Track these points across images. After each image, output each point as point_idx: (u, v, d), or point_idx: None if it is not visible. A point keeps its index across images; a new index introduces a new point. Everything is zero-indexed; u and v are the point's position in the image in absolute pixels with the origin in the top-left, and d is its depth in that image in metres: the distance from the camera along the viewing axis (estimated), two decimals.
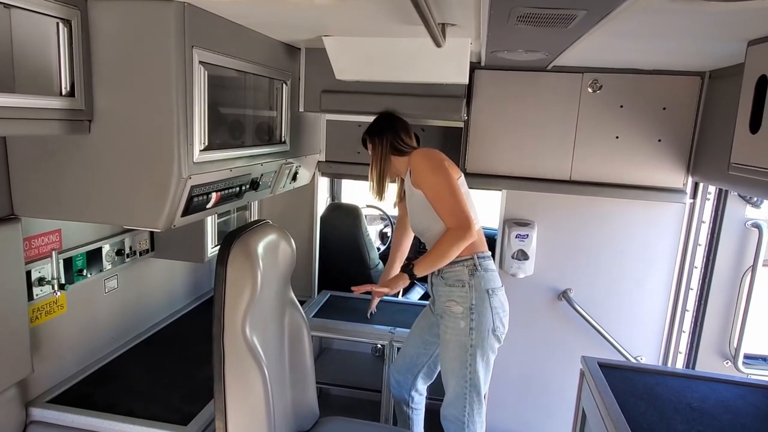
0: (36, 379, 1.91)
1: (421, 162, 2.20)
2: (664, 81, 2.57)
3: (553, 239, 2.85)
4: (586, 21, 1.43)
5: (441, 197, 2.11)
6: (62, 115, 1.48)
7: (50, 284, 1.88)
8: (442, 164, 2.18)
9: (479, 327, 2.10)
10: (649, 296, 2.81)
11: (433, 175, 2.14)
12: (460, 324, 2.10)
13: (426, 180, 2.16)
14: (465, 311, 2.11)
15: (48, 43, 1.42)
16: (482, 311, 2.10)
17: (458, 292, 2.11)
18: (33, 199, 1.67)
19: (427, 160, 2.19)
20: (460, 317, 2.11)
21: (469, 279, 2.12)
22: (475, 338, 2.09)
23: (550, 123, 2.74)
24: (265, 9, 1.59)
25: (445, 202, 2.10)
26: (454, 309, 2.12)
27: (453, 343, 2.12)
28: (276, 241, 1.87)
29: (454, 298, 2.12)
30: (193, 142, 1.61)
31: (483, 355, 2.12)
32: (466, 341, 2.10)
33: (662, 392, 1.82)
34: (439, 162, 2.18)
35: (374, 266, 3.76)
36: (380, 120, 2.42)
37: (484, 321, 2.10)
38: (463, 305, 2.11)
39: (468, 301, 2.10)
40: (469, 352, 2.11)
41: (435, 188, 2.13)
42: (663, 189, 2.68)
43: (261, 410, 1.66)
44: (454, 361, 2.13)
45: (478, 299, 2.10)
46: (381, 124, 2.40)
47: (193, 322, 2.71)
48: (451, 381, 2.16)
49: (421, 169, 2.18)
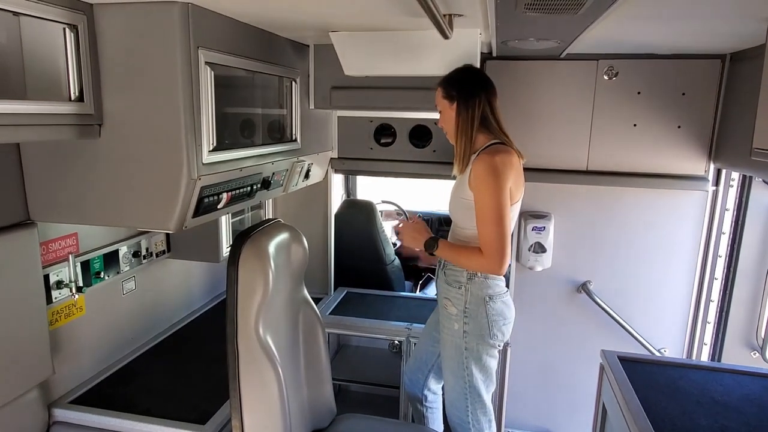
0: (57, 381, 1.94)
1: (486, 171, 1.89)
2: (682, 65, 2.49)
3: (570, 231, 2.80)
4: (596, 6, 1.39)
5: (486, 220, 1.89)
6: (72, 120, 1.50)
7: (68, 287, 1.91)
8: (506, 185, 1.90)
9: (472, 332, 2.02)
10: (672, 287, 2.74)
11: (489, 196, 1.88)
12: (454, 326, 2.04)
13: (481, 193, 1.91)
14: (459, 313, 2.03)
15: (56, 49, 1.44)
16: (476, 317, 2.01)
17: (454, 292, 2.04)
18: (47, 204, 1.70)
19: (494, 176, 1.88)
20: (454, 319, 2.04)
21: (466, 282, 2.02)
22: (469, 342, 2.02)
23: (565, 112, 2.68)
24: (268, 6, 1.58)
25: (488, 228, 1.89)
26: (449, 309, 2.05)
27: (449, 344, 2.07)
28: (288, 240, 1.87)
29: (450, 297, 2.05)
30: (201, 143, 1.61)
31: (478, 359, 2.04)
32: (460, 343, 2.03)
33: (685, 385, 1.77)
34: (505, 182, 1.90)
35: (390, 262, 3.74)
36: (471, 75, 2.04)
37: (477, 327, 2.01)
38: (457, 307, 2.03)
39: (462, 303, 2.02)
40: (464, 355, 2.03)
41: (485, 207, 1.90)
42: (684, 177, 2.61)
43: (276, 408, 1.66)
44: (451, 361, 2.09)
45: (473, 304, 2.01)
46: (473, 81, 2.01)
47: (211, 321, 2.73)
48: (450, 380, 2.12)
49: (483, 179, 1.90)
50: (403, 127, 2.94)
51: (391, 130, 2.98)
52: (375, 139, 3.01)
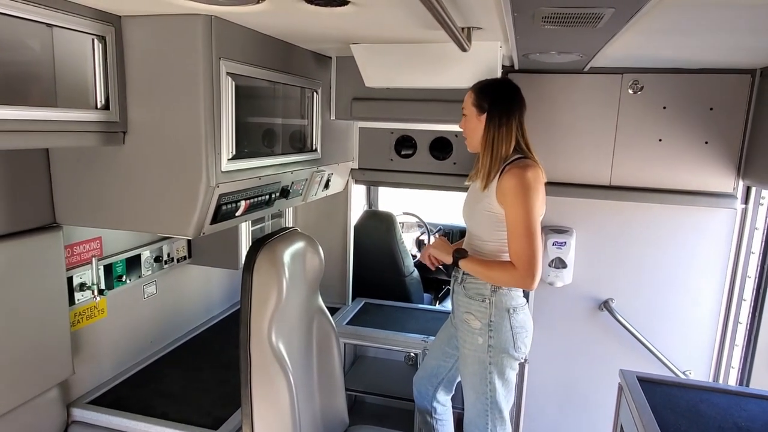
0: (77, 381, 1.99)
1: (519, 186, 1.88)
2: (710, 80, 2.44)
3: (592, 247, 2.74)
4: (616, 19, 1.38)
5: (519, 235, 1.87)
6: (98, 127, 1.55)
7: (90, 290, 1.96)
8: (537, 200, 1.91)
9: (497, 345, 2.00)
10: (699, 307, 2.66)
11: (522, 210, 1.87)
12: (478, 340, 2.02)
13: (513, 207, 1.89)
14: (483, 327, 2.01)
15: (84, 59, 1.49)
16: (501, 329, 1.99)
17: (477, 306, 2.02)
18: (73, 208, 1.75)
19: (526, 190, 1.87)
20: (478, 333, 2.02)
21: (490, 295, 2.01)
22: (494, 356, 2.00)
23: (588, 126, 2.65)
24: (287, 20, 1.61)
25: (521, 242, 1.87)
26: (472, 323, 2.04)
27: (471, 359, 2.05)
28: (303, 249, 1.88)
29: (473, 311, 2.04)
30: (220, 152, 1.64)
31: (501, 373, 2.01)
32: (484, 358, 2.01)
33: (707, 410, 1.70)
34: (536, 196, 1.90)
35: (409, 274, 3.73)
36: (507, 91, 2.00)
37: (502, 339, 1.99)
38: (481, 320, 2.01)
39: (487, 317, 2.00)
40: (488, 370, 2.01)
41: (517, 221, 1.88)
42: (711, 194, 2.54)
43: (287, 416, 1.67)
44: (473, 377, 2.06)
45: (498, 317, 1.99)
46: (508, 99, 1.99)
47: (229, 328, 2.77)
48: (471, 396, 2.09)
49: (515, 193, 1.88)
50: (423, 138, 2.94)
51: (412, 142, 2.99)
52: (395, 151, 3.02)
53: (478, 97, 2.02)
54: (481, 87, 2.03)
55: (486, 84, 2.03)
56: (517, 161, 1.96)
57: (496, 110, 1.97)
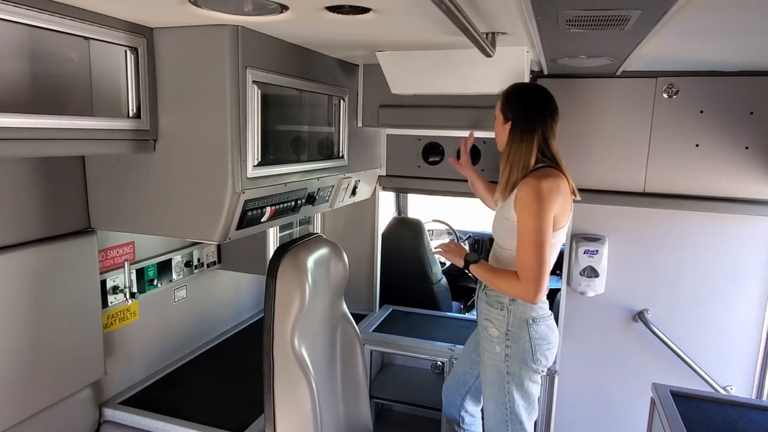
0: (109, 382, 2.05)
1: (531, 196, 1.83)
2: (749, 83, 2.34)
3: (626, 256, 2.66)
4: (644, 21, 1.34)
5: (526, 246, 1.83)
6: (130, 135, 1.60)
7: (123, 293, 2.02)
8: (550, 211, 1.84)
9: (515, 355, 1.95)
10: (740, 319, 2.54)
11: (532, 220, 1.82)
12: (496, 348, 1.98)
13: (523, 217, 1.85)
14: (501, 336, 1.97)
15: (118, 70, 1.55)
16: (518, 339, 1.94)
17: (496, 314, 1.98)
18: (106, 213, 1.82)
19: (538, 200, 1.82)
20: (496, 341, 1.98)
21: (509, 303, 1.96)
22: (511, 366, 1.95)
23: (621, 132, 2.58)
24: (311, 28, 1.63)
25: (527, 253, 1.82)
26: (490, 331, 2.00)
27: (490, 367, 2.01)
28: (327, 255, 1.89)
29: (491, 319, 1.99)
30: (246, 159, 1.67)
31: (520, 384, 1.96)
32: (502, 367, 1.97)
33: (745, 427, 1.62)
34: (549, 207, 1.83)
35: (437, 281, 3.70)
36: (534, 98, 1.97)
37: (519, 350, 1.94)
38: (499, 329, 1.97)
39: (504, 325, 1.96)
40: (506, 380, 1.97)
41: (526, 231, 1.83)
42: (752, 201, 2.43)
43: (309, 421, 1.67)
44: (492, 386, 2.01)
45: (515, 326, 1.95)
46: (532, 109, 1.95)
47: (257, 333, 2.77)
48: (490, 405, 2.05)
49: (527, 203, 1.84)
50: (451, 145, 2.93)
51: (440, 149, 2.98)
52: (423, 158, 3.01)
53: (504, 105, 2.00)
54: (508, 94, 2.01)
55: (513, 92, 2.00)
56: (538, 170, 1.92)
57: (518, 123, 1.95)
